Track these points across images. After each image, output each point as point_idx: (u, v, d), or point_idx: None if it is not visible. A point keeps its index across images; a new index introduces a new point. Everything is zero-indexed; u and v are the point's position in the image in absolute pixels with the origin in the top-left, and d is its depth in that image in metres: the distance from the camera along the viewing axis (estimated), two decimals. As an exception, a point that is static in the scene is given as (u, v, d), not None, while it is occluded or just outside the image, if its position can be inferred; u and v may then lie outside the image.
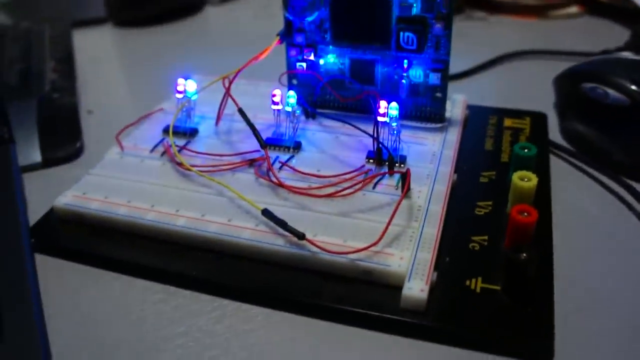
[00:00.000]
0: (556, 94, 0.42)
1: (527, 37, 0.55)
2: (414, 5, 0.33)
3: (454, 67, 0.44)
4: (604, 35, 0.55)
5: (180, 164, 0.33)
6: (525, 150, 0.32)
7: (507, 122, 0.39)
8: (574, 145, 0.38)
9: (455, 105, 0.39)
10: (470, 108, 0.40)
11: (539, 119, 0.39)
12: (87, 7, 0.63)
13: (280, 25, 0.36)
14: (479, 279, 0.27)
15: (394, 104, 0.32)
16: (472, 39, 0.54)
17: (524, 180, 0.30)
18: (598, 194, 0.34)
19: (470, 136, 0.37)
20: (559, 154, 0.38)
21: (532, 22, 0.59)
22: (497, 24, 0.59)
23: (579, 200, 0.34)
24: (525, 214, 0.28)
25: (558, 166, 0.36)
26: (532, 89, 0.45)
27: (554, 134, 0.39)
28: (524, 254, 0.27)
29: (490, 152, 0.36)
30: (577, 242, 0.31)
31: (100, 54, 0.57)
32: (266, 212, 0.29)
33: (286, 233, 0.28)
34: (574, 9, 0.60)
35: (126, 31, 0.62)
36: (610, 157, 0.36)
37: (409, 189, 0.30)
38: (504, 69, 0.49)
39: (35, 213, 0.33)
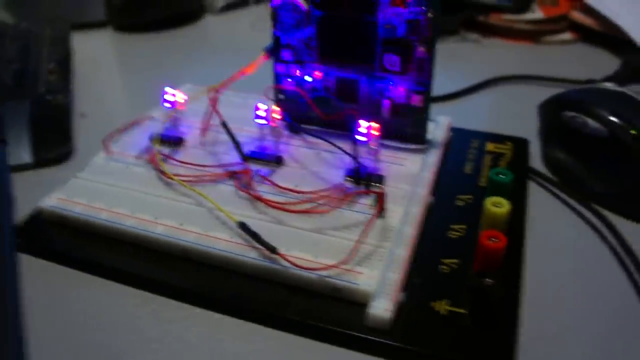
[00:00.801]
0: (540, 120, 0.43)
1: (520, 62, 0.56)
2: (398, 28, 0.34)
3: (443, 88, 0.45)
4: (595, 64, 0.55)
5: (163, 173, 0.34)
6: (501, 176, 0.33)
7: (489, 147, 0.40)
8: (554, 172, 0.39)
9: (439, 127, 0.39)
10: (454, 130, 0.40)
11: (520, 145, 0.40)
12: (88, 10, 0.64)
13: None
14: (446, 301, 0.28)
15: (373, 124, 0.33)
16: (464, 61, 0.55)
17: (497, 206, 0.31)
18: (573, 223, 0.35)
19: (451, 159, 0.38)
20: (538, 180, 0.38)
21: (526, 47, 0.60)
22: (490, 46, 0.60)
23: (553, 228, 0.34)
24: (494, 239, 0.29)
25: (536, 193, 0.37)
26: (518, 114, 0.46)
27: (536, 160, 0.40)
28: (489, 280, 0.27)
29: (469, 175, 0.37)
30: (548, 269, 0.31)
31: (98, 57, 0.58)
32: (242, 225, 0.30)
33: (259, 246, 0.29)
34: (567, 36, 0.60)
35: (125, 36, 0.63)
36: (587, 187, 0.37)
37: (382, 209, 0.31)
38: (492, 93, 0.50)
39: (23, 213, 0.33)
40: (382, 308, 0.26)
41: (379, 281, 0.28)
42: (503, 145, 0.40)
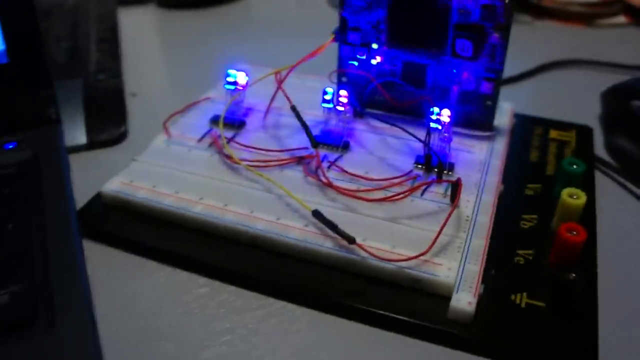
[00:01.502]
0: (603, 108, 0.42)
1: (572, 45, 0.54)
2: (472, 13, 0.33)
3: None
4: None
5: (229, 157, 0.33)
6: (574, 167, 0.32)
7: (553, 134, 0.39)
8: (619, 161, 0.38)
9: (503, 114, 0.38)
10: (516, 117, 0.40)
11: (584, 133, 0.39)
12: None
13: (324, 17, 0.36)
14: (524, 294, 0.27)
15: (446, 111, 0.32)
16: (516, 43, 0.53)
17: (573, 197, 0.30)
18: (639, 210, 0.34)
19: (516, 146, 0.37)
20: (603, 169, 0.37)
21: (578, 30, 0.58)
22: (542, 29, 0.58)
23: (621, 218, 0.33)
24: (574, 232, 0.28)
25: (601, 181, 0.36)
26: (577, 100, 0.45)
27: (598, 148, 0.39)
28: (573, 274, 0.27)
29: (536, 163, 0.36)
30: (620, 262, 0.30)
31: (143, 34, 0.57)
32: (316, 213, 0.29)
33: (335, 235, 0.28)
34: (621, 19, 0.59)
35: (169, 12, 0.62)
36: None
37: (458, 198, 0.30)
38: (548, 77, 0.49)
39: (80, 196, 0.33)
40: (464, 301, 0.26)
41: (458, 273, 0.27)
42: (567, 132, 0.39)
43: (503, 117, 0.38)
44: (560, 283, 0.27)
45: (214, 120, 0.37)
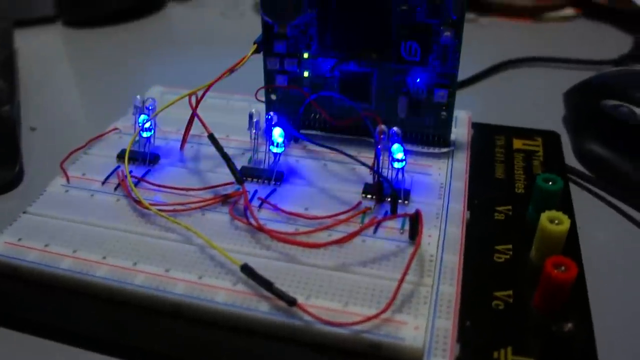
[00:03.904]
0: (568, 110, 0.38)
1: (522, 42, 0.50)
2: (418, 9, 0.28)
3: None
4: (601, 41, 0.51)
5: (137, 201, 0.27)
6: (550, 184, 0.27)
7: (517, 144, 0.34)
8: (592, 169, 0.34)
9: (459, 124, 0.34)
10: (474, 127, 0.35)
11: (552, 140, 0.35)
12: (33, 4, 0.56)
13: (251, 26, 0.31)
14: (509, 349, 0.22)
15: (396, 128, 0.27)
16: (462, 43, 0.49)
17: (554, 222, 0.25)
18: (623, 227, 0.30)
19: (478, 162, 0.32)
20: (576, 181, 0.33)
21: (526, 25, 0.54)
22: (488, 26, 0.54)
23: (606, 239, 0.29)
24: (562, 268, 0.23)
25: (577, 197, 0.31)
26: (537, 103, 0.41)
27: (567, 156, 0.34)
28: (569, 324, 0.22)
29: (503, 181, 0.31)
30: (614, 296, 0.26)
31: (47, 58, 0.51)
32: (246, 269, 0.23)
33: (272, 295, 0.23)
34: (569, 11, 0.55)
35: (77, 32, 0.55)
36: (633, 182, 0.32)
37: (419, 234, 0.25)
38: (502, 79, 0.45)
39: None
40: (439, 371, 0.20)
41: (427, 332, 0.22)
42: (532, 141, 0.34)
43: (460, 129, 0.33)
44: (553, 336, 0.22)
45: (121, 155, 0.31)
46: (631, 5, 0.50)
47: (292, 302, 0.22)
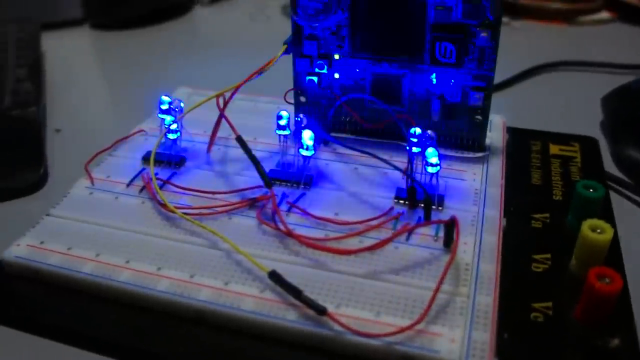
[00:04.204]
0: (606, 115, 0.36)
1: (556, 46, 0.49)
2: (453, 9, 0.27)
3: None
4: (638, 45, 0.49)
5: (162, 205, 0.27)
6: (591, 191, 0.26)
7: (553, 149, 0.33)
8: (631, 176, 0.32)
9: (494, 129, 0.32)
10: (509, 131, 0.33)
11: (590, 145, 0.33)
12: (61, 7, 0.56)
13: (279, 28, 0.30)
14: (550, 365, 0.21)
15: (430, 150, 0.26)
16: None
17: (597, 231, 0.24)
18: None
19: (514, 168, 0.31)
20: (616, 188, 0.32)
21: (559, 29, 0.53)
22: (521, 29, 0.53)
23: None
24: (607, 280, 0.22)
25: (617, 205, 0.30)
26: (573, 107, 0.39)
27: (605, 162, 0.33)
28: (616, 340, 0.20)
29: (539, 187, 0.30)
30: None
31: (74, 60, 0.50)
32: (274, 275, 0.22)
33: (301, 304, 0.22)
34: (605, 15, 0.54)
35: (104, 34, 0.55)
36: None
37: (454, 242, 0.24)
38: (536, 83, 0.43)
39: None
40: (476, 387, 0.19)
41: (464, 344, 0.21)
42: (569, 147, 0.33)
43: (495, 133, 0.32)
44: (597, 350, 0.21)
45: (147, 157, 0.30)
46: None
47: (322, 310, 0.21)
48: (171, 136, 0.30)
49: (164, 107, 0.30)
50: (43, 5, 0.55)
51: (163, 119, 0.30)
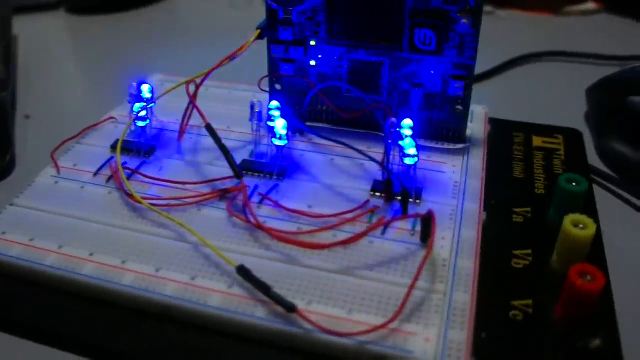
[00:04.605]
0: (591, 107, 0.35)
1: (541, 36, 0.49)
2: (434, -6, 0.26)
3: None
4: (624, 37, 0.49)
5: (129, 195, 0.26)
6: (573, 184, 0.25)
7: (537, 141, 0.32)
8: (615, 169, 0.32)
9: (475, 120, 0.32)
10: (491, 122, 0.33)
11: (574, 138, 0.32)
12: (34, -10, 0.54)
13: (260, 16, 0.29)
14: (529, 366, 0.20)
15: (407, 121, 0.25)
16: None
17: (579, 227, 0.23)
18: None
19: (495, 160, 0.30)
20: (599, 182, 0.31)
21: (545, 18, 0.52)
22: (507, 19, 0.52)
23: (627, 242, 0.27)
24: (588, 277, 0.21)
25: (600, 199, 0.29)
26: (557, 99, 0.39)
27: (589, 154, 0.32)
28: (597, 340, 0.20)
29: (521, 180, 0.29)
30: (638, 301, 0.24)
31: (48, 45, 0.49)
32: (242, 270, 0.21)
33: (269, 300, 0.21)
34: (591, 6, 0.53)
35: (80, 19, 0.54)
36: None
37: (431, 237, 0.23)
38: (520, 73, 0.43)
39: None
40: (451, 389, 0.18)
41: (439, 344, 0.20)
42: (553, 139, 0.32)
43: (476, 124, 0.31)
44: (578, 351, 0.20)
45: (115, 146, 0.29)
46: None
47: (291, 308, 0.20)
48: (140, 124, 0.29)
49: (133, 92, 0.29)
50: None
51: (132, 106, 0.29)
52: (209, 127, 0.26)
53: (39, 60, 0.45)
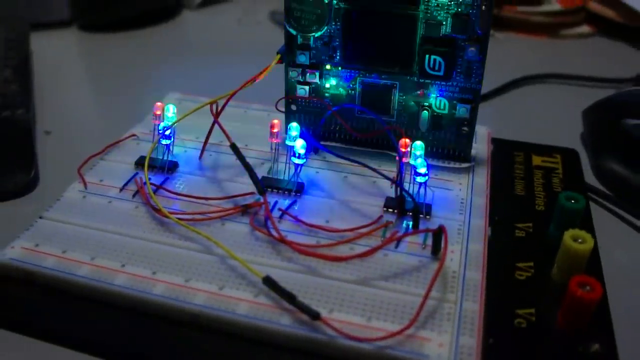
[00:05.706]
0: (587, 128, 0.37)
1: (538, 58, 0.50)
2: (444, 23, 0.28)
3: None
4: (619, 59, 0.50)
5: (156, 209, 0.27)
6: (572, 202, 0.27)
7: (536, 160, 0.34)
8: (611, 188, 0.33)
9: (479, 140, 0.33)
10: (493, 142, 0.34)
11: (571, 157, 0.34)
12: (49, 8, 0.56)
13: (267, 33, 0.31)
14: (534, 369, 0.22)
15: (419, 143, 0.27)
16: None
17: (578, 241, 0.25)
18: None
19: (498, 178, 0.32)
20: (596, 199, 0.33)
21: (542, 41, 0.54)
22: (505, 42, 0.54)
23: (626, 260, 0.29)
24: (587, 287, 0.23)
25: (597, 216, 0.31)
26: (555, 119, 0.41)
27: (585, 174, 0.34)
28: (596, 345, 0.21)
29: (523, 198, 0.30)
30: (632, 310, 0.26)
31: (62, 62, 0.50)
32: (268, 281, 0.23)
33: (294, 309, 0.22)
34: (585, 29, 0.55)
35: (93, 36, 0.55)
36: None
37: (442, 250, 0.24)
38: (520, 95, 0.44)
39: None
40: (464, 391, 0.20)
41: (451, 349, 0.22)
42: (551, 158, 0.34)
43: (480, 144, 0.33)
44: (579, 356, 0.22)
45: (140, 162, 0.31)
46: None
47: (315, 315, 0.22)
48: (165, 142, 0.31)
49: (157, 112, 0.31)
50: (30, 5, 0.55)
51: (156, 124, 0.31)
52: (233, 146, 0.28)
53: (53, 77, 0.46)
